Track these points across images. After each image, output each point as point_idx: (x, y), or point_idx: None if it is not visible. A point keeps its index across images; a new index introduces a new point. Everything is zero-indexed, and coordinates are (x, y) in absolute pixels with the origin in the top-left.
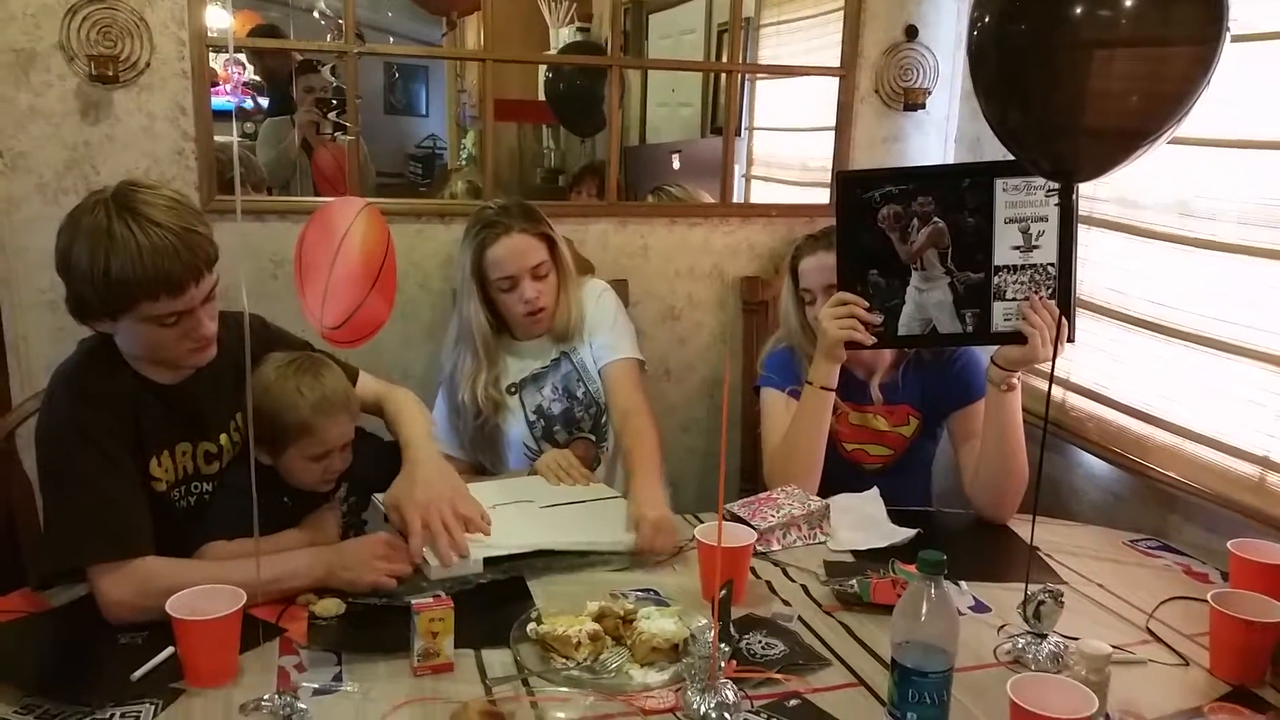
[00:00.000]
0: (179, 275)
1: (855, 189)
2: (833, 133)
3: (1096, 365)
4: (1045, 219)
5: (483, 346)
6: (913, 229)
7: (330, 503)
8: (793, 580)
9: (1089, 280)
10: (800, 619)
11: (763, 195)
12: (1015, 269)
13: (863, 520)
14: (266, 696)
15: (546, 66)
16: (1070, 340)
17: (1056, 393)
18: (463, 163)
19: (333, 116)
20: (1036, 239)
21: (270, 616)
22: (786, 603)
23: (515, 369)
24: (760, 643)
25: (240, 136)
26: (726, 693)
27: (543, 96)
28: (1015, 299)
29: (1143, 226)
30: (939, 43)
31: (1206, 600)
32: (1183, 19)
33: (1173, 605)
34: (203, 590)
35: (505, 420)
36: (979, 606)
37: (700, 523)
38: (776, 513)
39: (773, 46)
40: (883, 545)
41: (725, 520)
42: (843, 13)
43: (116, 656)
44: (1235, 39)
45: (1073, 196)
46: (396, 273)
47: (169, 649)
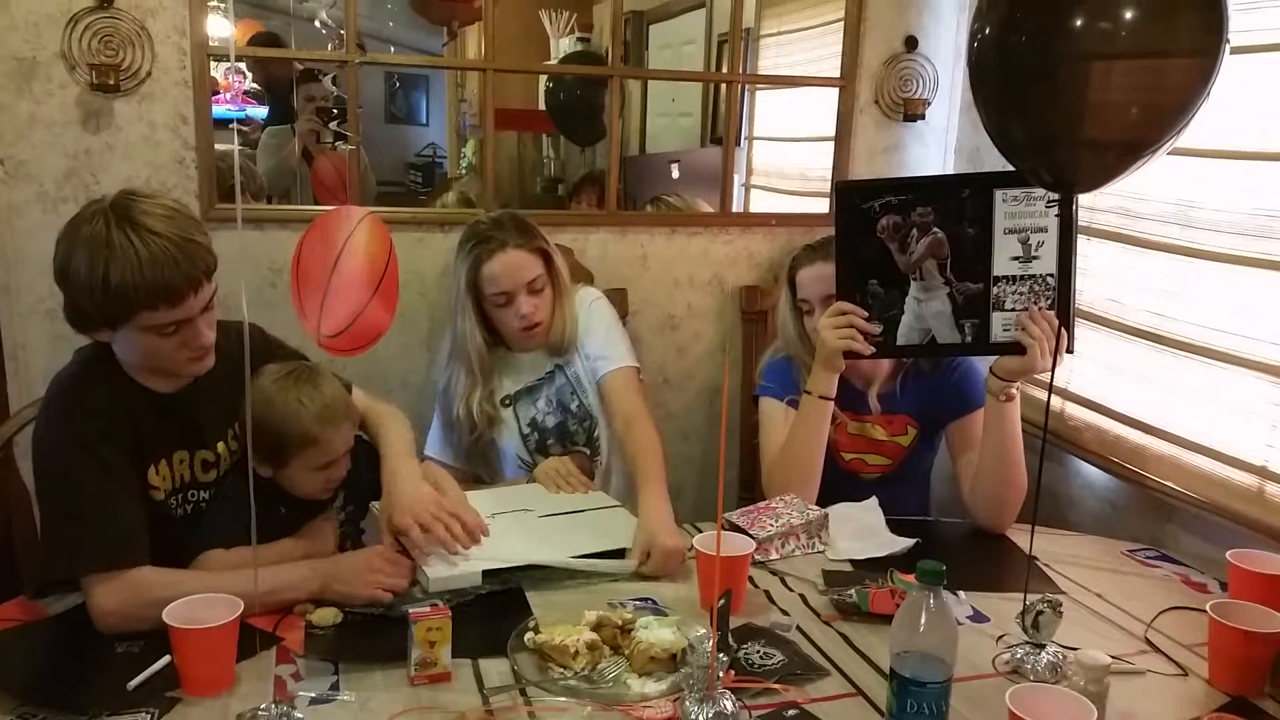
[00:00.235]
0: (178, 285)
1: (854, 199)
2: (832, 143)
3: (1095, 375)
4: (1044, 230)
5: (477, 362)
6: (912, 239)
7: (327, 512)
8: (791, 590)
9: (1088, 290)
10: (799, 629)
11: (762, 205)
12: (1014, 279)
13: (861, 530)
14: (263, 706)
15: (547, 76)
16: (1069, 351)
17: (1055, 402)
18: (462, 171)
19: (333, 125)
20: (1036, 250)
21: (267, 626)
22: (785, 612)
23: (510, 381)
24: (758, 652)
25: (241, 145)
26: (725, 703)
27: (543, 106)
28: (1014, 309)
29: (1142, 237)
30: (939, 54)
31: (1205, 610)
32: (1182, 31)
33: (1171, 615)
34: (200, 599)
35: (499, 433)
36: (977, 616)
37: (699, 532)
38: (775, 522)
39: (773, 57)
40: (881, 555)
41: (724, 529)
42: (843, 23)
43: (113, 665)
44: (1234, 51)
45: (1072, 207)
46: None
47: (165, 658)
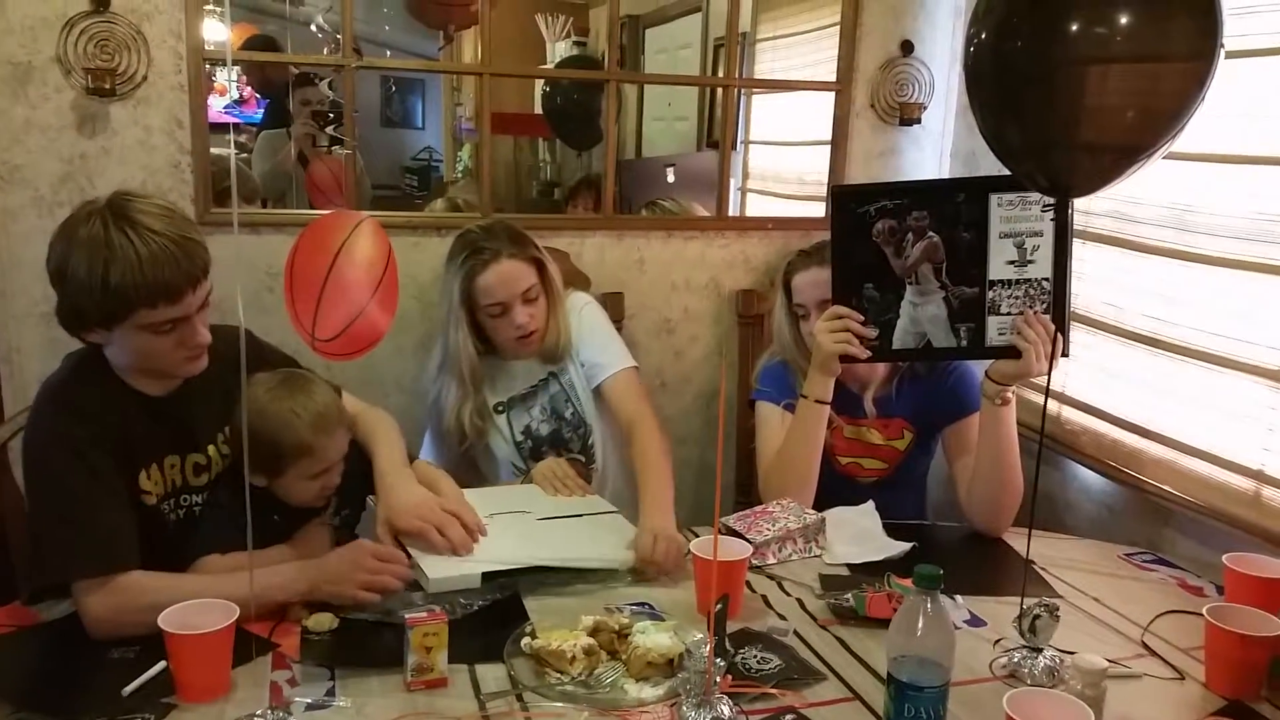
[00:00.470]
0: (177, 282)
1: (850, 203)
2: (828, 147)
3: (1091, 379)
4: (1040, 234)
5: (469, 373)
6: (907, 243)
7: (321, 518)
8: (788, 594)
9: (1084, 294)
10: (796, 633)
11: (758, 209)
12: (1010, 283)
13: (858, 534)
14: (259, 712)
15: (543, 80)
16: (1065, 354)
17: (1051, 406)
18: (458, 175)
19: (329, 129)
20: (1031, 254)
21: (263, 631)
22: (782, 617)
23: (503, 387)
24: (756, 657)
25: (236, 149)
26: (722, 708)
27: (539, 110)
28: (1010, 313)
29: (1138, 241)
30: (935, 58)
31: (1202, 614)
32: (1177, 36)
33: (1168, 619)
34: (195, 605)
35: (493, 439)
36: (974, 620)
37: (696, 536)
38: (772, 526)
39: (769, 61)
40: (878, 559)
41: (721, 534)
42: (839, 28)
43: (108, 671)
44: (1229, 55)
45: (1068, 211)
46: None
47: (161, 663)
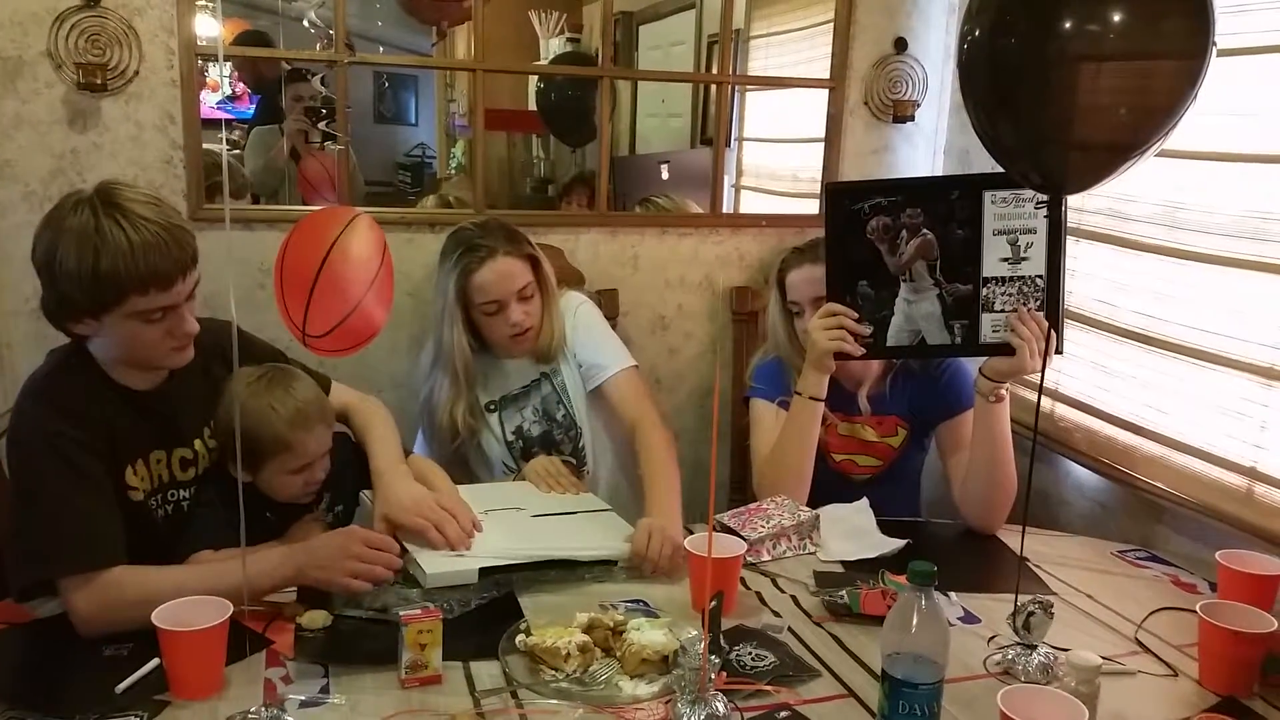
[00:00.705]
0: (169, 269)
1: (844, 200)
2: (822, 144)
3: (1085, 376)
4: (1034, 231)
5: (463, 372)
6: (901, 240)
7: (314, 514)
8: (783, 591)
9: (1077, 291)
10: (790, 630)
11: (752, 205)
12: (1004, 280)
13: (852, 531)
14: (253, 709)
15: (537, 77)
16: (1059, 352)
17: (1045, 403)
18: (452, 172)
19: (322, 125)
20: (1025, 251)
21: (257, 628)
22: (776, 614)
23: (496, 386)
24: (750, 654)
25: (228, 145)
26: (716, 705)
27: (533, 106)
28: (1003, 311)
29: (1131, 238)
30: (928, 55)
31: (1195, 611)
32: (1170, 33)
33: (1161, 616)
34: (189, 601)
35: (485, 438)
36: (968, 617)
37: (690, 534)
38: (766, 523)
39: (762, 58)
40: (872, 556)
41: (715, 531)
42: (832, 25)
43: (101, 668)
44: (1221, 53)
45: (1062, 208)
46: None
47: (154, 660)
